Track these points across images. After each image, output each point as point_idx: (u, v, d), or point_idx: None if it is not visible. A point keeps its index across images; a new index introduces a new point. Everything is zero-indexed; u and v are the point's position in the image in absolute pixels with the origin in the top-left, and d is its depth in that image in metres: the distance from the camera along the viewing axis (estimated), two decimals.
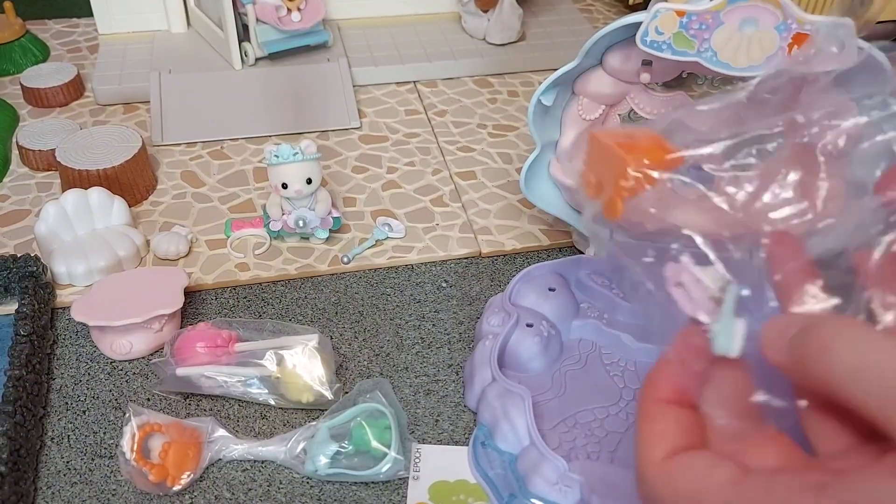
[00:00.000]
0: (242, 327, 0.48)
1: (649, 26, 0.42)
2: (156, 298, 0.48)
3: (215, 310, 0.52)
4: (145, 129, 0.68)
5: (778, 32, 0.41)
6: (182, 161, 0.65)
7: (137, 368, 0.48)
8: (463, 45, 0.78)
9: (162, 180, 0.63)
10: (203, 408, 0.46)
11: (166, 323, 0.49)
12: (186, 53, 0.74)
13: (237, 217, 0.59)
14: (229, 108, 0.69)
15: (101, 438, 0.44)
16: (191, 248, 0.56)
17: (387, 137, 0.69)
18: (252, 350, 0.46)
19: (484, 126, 0.70)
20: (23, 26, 0.76)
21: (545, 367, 0.47)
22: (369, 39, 0.79)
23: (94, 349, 0.49)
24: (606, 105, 0.50)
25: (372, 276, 0.55)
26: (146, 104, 0.70)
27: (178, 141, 0.66)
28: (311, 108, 0.70)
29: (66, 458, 0.43)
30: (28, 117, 0.69)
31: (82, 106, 0.71)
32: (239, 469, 0.43)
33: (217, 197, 0.61)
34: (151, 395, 0.47)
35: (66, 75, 0.71)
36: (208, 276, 0.54)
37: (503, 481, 0.41)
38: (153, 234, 0.56)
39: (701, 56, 0.42)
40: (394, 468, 0.42)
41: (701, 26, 0.41)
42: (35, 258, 0.51)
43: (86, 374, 0.48)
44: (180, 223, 0.58)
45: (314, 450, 0.42)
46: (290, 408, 0.46)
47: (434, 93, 0.74)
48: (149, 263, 0.55)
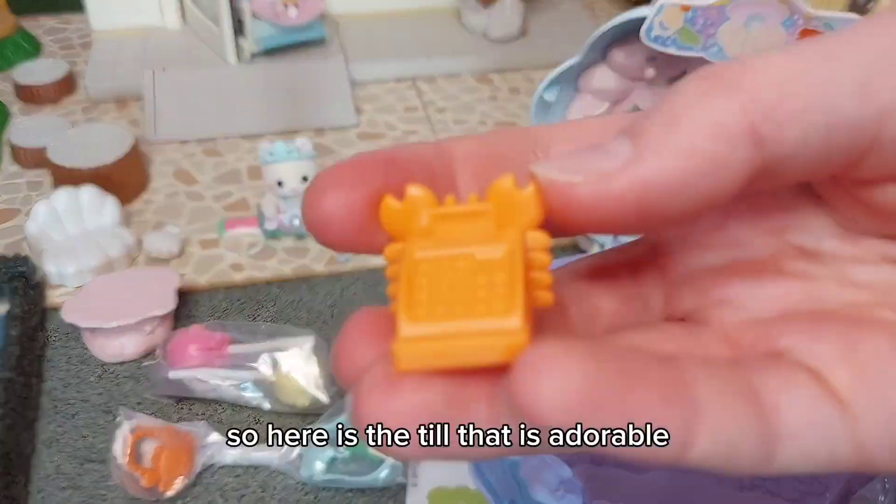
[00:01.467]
0: (236, 329, 0.47)
1: (654, 21, 0.41)
2: (148, 300, 0.48)
3: (208, 311, 0.52)
4: (138, 127, 0.67)
5: (785, 28, 0.41)
6: (175, 159, 0.64)
7: (129, 371, 0.48)
8: (463, 41, 0.78)
9: (155, 178, 0.62)
10: (196, 412, 0.45)
11: (158, 325, 0.48)
12: (181, 49, 0.73)
13: (231, 216, 0.58)
14: (224, 105, 0.68)
15: (93, 442, 0.44)
16: (184, 247, 0.56)
17: (385, 135, 0.68)
18: (246, 353, 0.46)
19: (484, 123, 0.69)
20: (15, 22, 0.75)
21: None
22: (367, 34, 0.78)
23: (85, 351, 0.49)
24: (610, 102, 0.49)
25: (370, 278, 0.55)
26: (139, 101, 0.70)
27: (171, 138, 0.65)
28: (307, 104, 0.69)
29: (56, 462, 0.43)
30: (19, 114, 0.68)
31: (74, 103, 0.70)
32: (232, 475, 0.43)
33: (211, 195, 0.60)
34: (143, 399, 0.46)
35: (58, 72, 0.70)
36: (201, 277, 0.53)
37: (504, 487, 0.41)
38: (145, 234, 0.56)
39: (707, 52, 0.42)
40: (391, 474, 0.41)
41: (706, 21, 0.41)
42: (25, 258, 0.51)
43: (77, 376, 0.47)
44: (173, 222, 0.57)
45: (310, 455, 0.42)
46: (284, 412, 0.45)
47: (433, 89, 0.74)
48: (141, 263, 0.54)
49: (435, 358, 0.12)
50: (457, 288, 0.13)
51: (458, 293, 0.13)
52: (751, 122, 0.12)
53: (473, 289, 0.13)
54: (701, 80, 0.13)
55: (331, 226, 0.13)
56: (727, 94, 0.12)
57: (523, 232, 0.13)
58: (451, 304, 0.12)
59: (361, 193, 0.13)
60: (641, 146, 0.12)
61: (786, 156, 0.12)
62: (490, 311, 0.12)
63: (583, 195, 0.12)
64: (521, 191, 0.13)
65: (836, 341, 0.13)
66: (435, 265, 0.13)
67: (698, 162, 0.12)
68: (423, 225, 0.13)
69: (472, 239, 0.13)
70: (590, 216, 0.13)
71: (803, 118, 0.12)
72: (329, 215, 0.13)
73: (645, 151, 0.12)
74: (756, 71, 0.12)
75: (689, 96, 0.12)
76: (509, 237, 0.13)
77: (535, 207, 0.13)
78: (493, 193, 0.13)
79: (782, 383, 0.13)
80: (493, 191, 0.13)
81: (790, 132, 0.12)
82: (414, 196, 0.13)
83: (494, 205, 0.13)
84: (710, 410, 0.12)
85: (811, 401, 0.13)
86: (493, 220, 0.13)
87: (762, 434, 0.12)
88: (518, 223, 0.13)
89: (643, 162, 0.12)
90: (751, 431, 0.12)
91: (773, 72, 0.12)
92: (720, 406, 0.12)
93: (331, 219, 0.13)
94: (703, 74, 0.13)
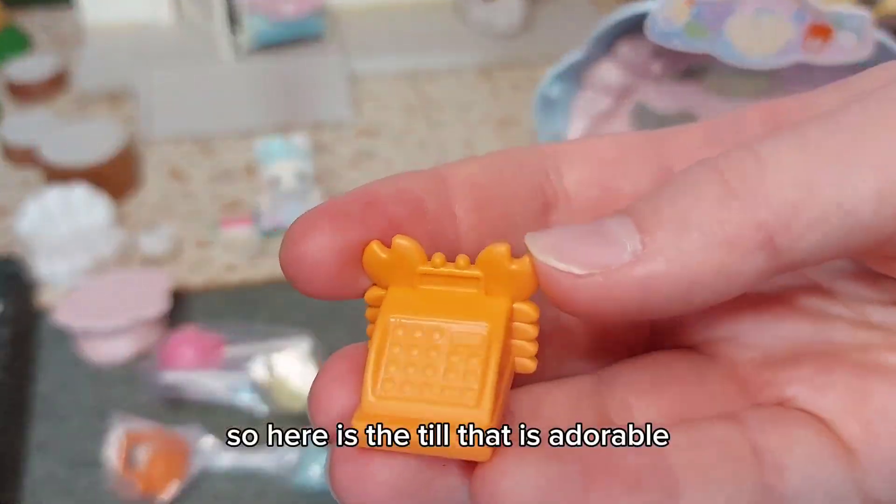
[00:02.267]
0: (231, 331, 0.47)
1: (660, 15, 0.40)
2: (141, 301, 0.48)
3: (203, 313, 0.51)
4: (131, 124, 0.66)
5: (794, 23, 0.40)
6: (169, 157, 0.63)
7: (122, 373, 0.47)
8: (464, 35, 0.77)
9: (148, 177, 0.61)
10: (190, 415, 0.45)
11: (152, 326, 0.48)
12: (175, 45, 0.73)
13: (226, 215, 0.58)
14: (219, 101, 0.68)
15: (86, 446, 0.43)
16: (178, 247, 0.55)
17: (382, 132, 0.67)
18: (241, 355, 0.46)
19: (486, 120, 0.69)
20: (6, 18, 0.74)
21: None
22: (366, 28, 0.77)
23: (78, 353, 0.48)
24: (614, 98, 0.49)
25: None
26: (132, 98, 0.69)
27: (165, 136, 0.65)
28: (304, 100, 0.68)
29: (49, 466, 0.43)
30: (11, 111, 0.68)
31: (66, 100, 0.69)
32: (227, 479, 0.42)
33: (205, 194, 0.60)
34: (137, 402, 0.46)
35: (50, 68, 0.69)
36: (196, 278, 0.53)
37: None
38: (139, 233, 0.55)
39: (714, 46, 0.41)
40: None
41: (713, 15, 0.40)
42: (16, 258, 0.51)
43: (69, 379, 0.47)
44: (167, 221, 0.57)
45: (306, 459, 0.42)
46: (280, 415, 0.45)
47: (433, 85, 0.73)
48: (134, 263, 0.54)
49: (396, 442, 0.12)
50: (429, 367, 0.12)
51: (428, 373, 0.12)
52: (766, 235, 0.12)
53: (446, 371, 0.12)
54: (715, 184, 0.12)
55: (308, 273, 0.13)
56: (742, 205, 0.12)
57: (511, 304, 0.13)
58: (420, 386, 0.12)
59: (337, 243, 0.13)
60: (650, 246, 0.12)
61: (800, 259, 0.12)
62: (459, 401, 0.12)
63: (583, 289, 0.12)
64: (514, 263, 0.13)
65: (845, 391, 0.13)
66: (410, 335, 0.13)
67: (708, 270, 0.12)
68: (406, 278, 0.13)
69: (454, 308, 0.13)
70: (587, 308, 0.12)
71: (820, 228, 0.12)
72: (306, 262, 0.13)
73: (653, 252, 0.12)
74: (772, 176, 0.12)
75: (702, 200, 0.12)
76: (494, 313, 0.13)
77: (527, 283, 0.12)
78: (485, 261, 0.13)
79: (789, 441, 0.13)
80: (484, 257, 0.13)
81: (806, 242, 0.12)
82: (400, 248, 0.13)
83: (484, 273, 0.13)
84: (690, 489, 0.12)
85: (819, 459, 0.13)
86: (482, 287, 0.13)
87: (764, 500, 0.12)
88: (507, 294, 0.13)
89: (651, 263, 0.12)
90: (745, 499, 0.12)
91: (790, 176, 0.12)
92: (703, 487, 0.12)
93: (307, 266, 0.13)
94: (720, 171, 0.12)
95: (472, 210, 0.14)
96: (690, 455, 0.12)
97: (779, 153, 0.12)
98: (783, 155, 0.12)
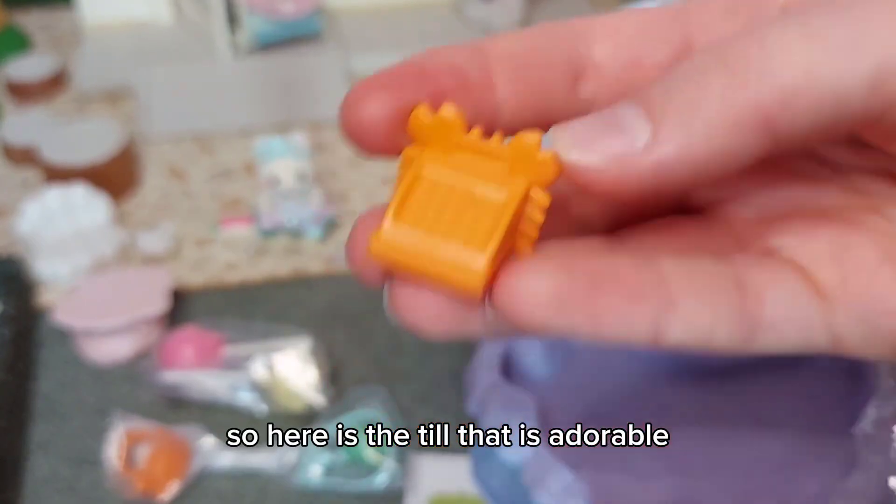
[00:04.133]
0: (231, 330, 0.47)
1: None
2: (141, 300, 0.48)
3: (203, 312, 0.51)
4: (131, 123, 0.66)
5: None
6: (169, 156, 0.63)
7: (123, 372, 0.47)
8: (463, 34, 0.77)
9: (148, 176, 0.61)
10: (191, 414, 0.45)
11: (152, 326, 0.48)
12: (174, 44, 0.73)
13: (226, 214, 0.58)
14: (219, 100, 0.68)
15: (87, 445, 0.44)
16: (178, 246, 0.55)
17: None
18: (241, 354, 0.45)
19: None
20: (5, 17, 0.74)
21: (553, 373, 0.46)
22: (365, 27, 0.77)
23: (79, 352, 0.48)
24: None
25: None
26: (132, 97, 0.69)
27: (164, 135, 0.65)
28: (303, 99, 0.68)
29: (50, 465, 0.43)
30: (10, 111, 0.68)
31: (66, 99, 0.69)
32: (228, 479, 0.42)
33: (205, 193, 0.60)
34: (137, 401, 0.46)
35: (49, 68, 0.69)
36: (196, 277, 0.53)
37: (506, 492, 0.40)
38: (139, 232, 0.55)
39: None
40: (390, 479, 0.41)
41: None
42: (16, 258, 0.51)
43: (70, 378, 0.47)
44: (166, 220, 0.57)
45: (306, 459, 0.42)
46: (281, 415, 0.45)
47: None
48: (134, 262, 0.54)
49: (403, 260, 0.14)
50: (447, 210, 0.14)
51: (446, 214, 0.14)
52: (767, 115, 0.13)
53: (461, 217, 0.14)
54: (720, 70, 0.13)
55: (364, 133, 0.14)
56: (745, 87, 0.13)
57: (529, 186, 0.14)
58: (435, 221, 0.14)
59: (392, 105, 0.14)
60: (660, 131, 0.13)
61: (794, 138, 0.13)
62: (466, 241, 0.13)
63: (600, 177, 0.13)
64: (540, 152, 0.14)
65: (826, 243, 0.15)
66: (437, 185, 0.14)
67: (714, 149, 0.13)
68: (444, 144, 0.14)
69: (481, 174, 0.14)
70: (607, 192, 0.14)
71: (815, 110, 0.13)
72: (363, 124, 0.14)
73: (663, 136, 0.13)
74: (775, 59, 0.13)
75: (708, 85, 0.13)
76: (514, 187, 0.14)
77: (549, 171, 0.14)
78: (516, 145, 0.14)
79: (769, 278, 0.14)
80: (516, 143, 0.14)
81: (801, 122, 0.13)
82: (444, 117, 0.14)
83: (512, 154, 0.14)
84: (684, 304, 0.14)
85: (794, 295, 0.14)
86: (507, 166, 0.14)
87: (742, 323, 0.14)
88: (528, 177, 0.14)
89: (662, 147, 0.13)
90: (729, 320, 0.14)
91: (792, 61, 0.13)
92: (695, 299, 0.14)
93: (364, 127, 0.14)
94: (725, 59, 0.13)
95: (509, 81, 0.15)
96: (685, 277, 0.14)
97: (782, 41, 0.13)
98: (786, 43, 0.13)
